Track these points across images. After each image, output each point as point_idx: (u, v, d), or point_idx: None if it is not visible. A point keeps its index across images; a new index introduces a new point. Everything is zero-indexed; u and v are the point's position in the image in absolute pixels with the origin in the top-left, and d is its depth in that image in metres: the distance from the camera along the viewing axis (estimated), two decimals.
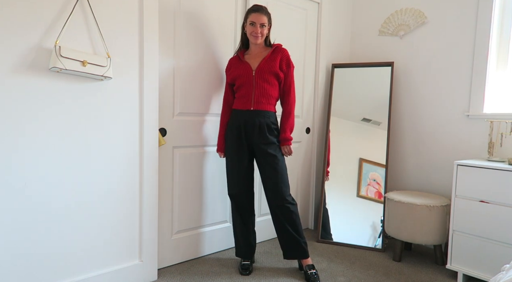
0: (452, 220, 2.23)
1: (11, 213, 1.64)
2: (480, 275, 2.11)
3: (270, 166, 2.15)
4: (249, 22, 2.15)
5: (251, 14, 2.15)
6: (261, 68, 2.15)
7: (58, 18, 1.70)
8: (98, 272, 1.92)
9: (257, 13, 2.13)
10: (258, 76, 2.14)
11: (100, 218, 1.91)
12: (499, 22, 2.49)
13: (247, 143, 2.19)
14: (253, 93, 2.15)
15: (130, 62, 1.97)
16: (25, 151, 1.66)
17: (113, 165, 1.94)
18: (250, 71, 2.16)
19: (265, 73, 2.14)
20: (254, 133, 2.15)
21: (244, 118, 2.16)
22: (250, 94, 2.15)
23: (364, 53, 3.23)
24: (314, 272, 2.18)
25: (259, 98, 2.15)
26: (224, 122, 2.30)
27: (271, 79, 2.16)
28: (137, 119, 2.03)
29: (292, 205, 2.17)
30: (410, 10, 2.89)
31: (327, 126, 3.02)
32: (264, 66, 2.15)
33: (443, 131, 2.73)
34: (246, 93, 2.16)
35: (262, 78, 2.14)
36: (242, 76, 2.17)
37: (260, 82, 2.14)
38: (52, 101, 1.72)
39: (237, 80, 2.20)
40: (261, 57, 2.20)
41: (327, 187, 2.93)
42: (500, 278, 1.15)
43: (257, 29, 2.13)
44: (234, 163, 2.23)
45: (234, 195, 2.27)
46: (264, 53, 2.22)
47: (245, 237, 2.31)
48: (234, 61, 2.26)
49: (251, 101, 2.15)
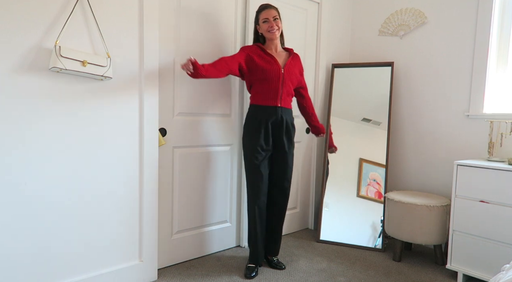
0: (452, 220, 2.23)
1: (11, 212, 1.64)
2: (480, 275, 2.11)
3: (286, 163, 2.27)
4: (262, 20, 2.20)
5: (261, 13, 2.20)
6: (289, 69, 2.24)
7: (58, 18, 1.70)
8: (98, 272, 1.92)
9: (266, 9, 2.20)
10: (287, 76, 2.22)
11: (100, 218, 1.91)
12: (499, 22, 2.49)
13: (272, 139, 2.23)
14: (281, 90, 2.20)
15: (130, 62, 1.97)
16: (23, 151, 1.65)
17: (113, 164, 1.94)
18: (279, 68, 2.20)
19: (292, 75, 2.26)
20: (282, 130, 2.22)
21: (271, 115, 2.19)
22: (278, 91, 2.19)
23: (364, 53, 3.23)
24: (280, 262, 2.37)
25: (285, 96, 2.23)
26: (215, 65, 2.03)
27: (294, 81, 2.30)
28: (137, 119, 2.03)
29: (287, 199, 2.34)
30: (410, 10, 2.89)
31: (327, 126, 3.02)
32: (290, 67, 2.25)
33: (443, 132, 2.73)
34: (272, 89, 2.18)
35: (289, 78, 2.24)
36: (270, 70, 2.18)
37: (287, 81, 2.23)
38: (52, 101, 1.72)
39: (261, 72, 2.17)
40: (283, 58, 2.28)
41: (328, 187, 2.93)
42: (500, 278, 1.15)
43: (272, 23, 2.17)
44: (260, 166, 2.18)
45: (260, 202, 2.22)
46: (285, 55, 2.30)
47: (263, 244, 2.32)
48: (257, 50, 2.22)
49: (278, 98, 2.19)
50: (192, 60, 1.89)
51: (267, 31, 2.19)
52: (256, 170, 2.19)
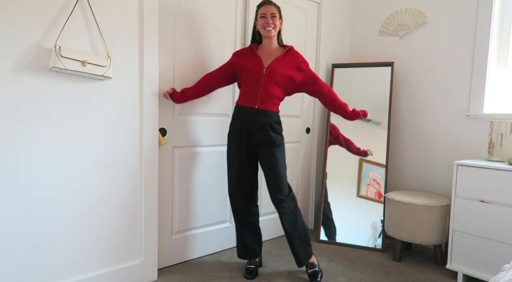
0: (452, 220, 2.23)
1: (12, 211, 1.64)
2: (480, 275, 2.11)
3: (270, 166, 2.12)
4: (259, 15, 2.13)
5: (260, 8, 2.14)
6: (272, 69, 2.11)
7: (58, 18, 1.70)
8: (98, 272, 1.92)
9: (265, 5, 2.13)
10: (268, 76, 2.10)
11: (100, 217, 1.91)
12: (499, 22, 2.49)
13: (248, 143, 2.15)
14: (260, 91, 2.11)
15: (130, 62, 1.97)
16: (23, 151, 1.65)
17: (113, 164, 1.94)
18: (261, 68, 2.11)
19: (275, 74, 2.11)
20: (256, 132, 2.11)
21: (247, 117, 2.12)
22: (256, 92, 2.11)
23: (364, 53, 3.23)
24: (313, 270, 2.17)
25: (264, 97, 2.11)
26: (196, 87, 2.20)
27: (280, 81, 2.13)
28: (137, 119, 2.03)
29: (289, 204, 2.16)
30: (410, 10, 2.89)
31: (327, 126, 3.02)
32: (275, 66, 2.12)
33: (443, 131, 2.73)
34: (251, 89, 2.11)
35: (271, 78, 2.11)
36: (251, 71, 2.11)
37: (268, 82, 2.10)
38: (51, 101, 1.72)
39: (245, 73, 2.14)
40: (274, 57, 2.16)
41: (328, 187, 2.93)
42: (500, 278, 1.15)
43: (268, 20, 2.09)
44: (234, 165, 2.20)
45: (232, 195, 2.25)
46: (277, 53, 2.18)
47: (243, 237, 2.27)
48: (246, 52, 2.21)
49: (256, 100, 2.11)
50: (168, 92, 2.16)
51: (262, 27, 2.12)
52: (230, 164, 2.22)
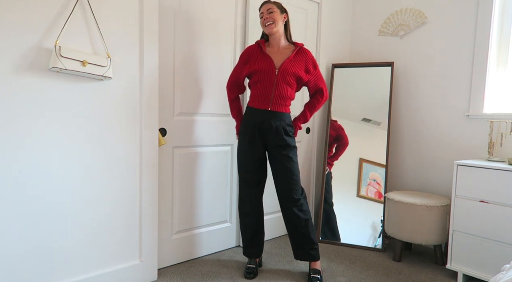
0: (452, 220, 2.23)
1: (11, 212, 1.64)
2: (480, 275, 2.11)
3: (285, 167, 2.10)
4: (260, 15, 2.15)
5: (259, 9, 2.17)
6: (284, 69, 2.07)
7: (58, 18, 1.70)
8: (98, 272, 1.92)
9: (263, 5, 2.14)
10: (280, 77, 2.06)
11: (100, 217, 1.91)
12: (499, 22, 2.49)
13: (262, 144, 2.13)
14: (273, 93, 2.07)
15: (130, 62, 1.97)
16: (23, 151, 1.65)
17: (113, 164, 1.94)
18: (273, 69, 2.07)
19: (288, 75, 2.07)
20: (270, 136, 2.09)
21: (260, 119, 2.08)
22: (269, 94, 2.07)
23: (364, 53, 3.23)
24: (316, 277, 2.14)
25: (277, 99, 2.07)
26: (235, 112, 2.26)
27: (292, 81, 2.09)
28: (137, 119, 2.03)
29: (303, 209, 2.14)
30: (410, 10, 2.89)
31: (327, 126, 3.03)
32: (288, 66, 2.08)
33: (443, 131, 2.73)
34: (264, 92, 2.07)
35: (284, 79, 2.07)
36: (263, 72, 2.07)
37: (281, 83, 2.06)
38: (51, 101, 1.72)
39: (256, 75, 2.09)
40: (285, 55, 2.12)
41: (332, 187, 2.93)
42: (500, 278, 1.15)
43: (266, 15, 2.09)
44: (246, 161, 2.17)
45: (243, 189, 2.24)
46: (288, 52, 2.13)
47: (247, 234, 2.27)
48: (255, 51, 2.15)
49: (269, 101, 2.07)
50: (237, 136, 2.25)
51: (263, 25, 2.12)
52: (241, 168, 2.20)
